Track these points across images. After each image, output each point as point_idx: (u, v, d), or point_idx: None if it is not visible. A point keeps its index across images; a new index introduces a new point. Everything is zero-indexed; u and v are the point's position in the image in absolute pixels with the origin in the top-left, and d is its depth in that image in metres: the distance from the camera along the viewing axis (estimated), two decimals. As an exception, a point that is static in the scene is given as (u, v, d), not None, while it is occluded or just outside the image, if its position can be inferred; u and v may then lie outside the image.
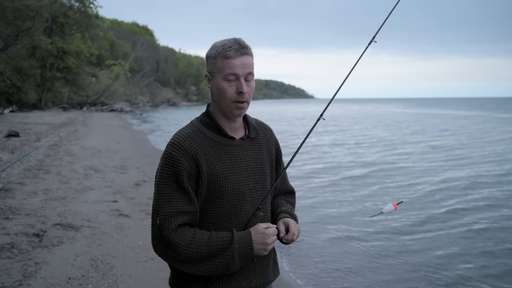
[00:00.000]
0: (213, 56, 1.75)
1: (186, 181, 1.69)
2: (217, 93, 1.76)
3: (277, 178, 1.90)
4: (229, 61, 1.71)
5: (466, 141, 20.05)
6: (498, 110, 66.24)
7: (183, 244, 1.66)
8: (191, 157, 1.70)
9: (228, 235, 1.71)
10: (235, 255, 1.69)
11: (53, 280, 4.04)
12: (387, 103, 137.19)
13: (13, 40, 27.64)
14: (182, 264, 1.70)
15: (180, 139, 1.73)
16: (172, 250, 1.67)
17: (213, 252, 1.68)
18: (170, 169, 1.70)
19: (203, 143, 1.74)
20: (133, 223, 5.97)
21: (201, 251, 1.67)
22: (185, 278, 1.78)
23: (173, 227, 1.67)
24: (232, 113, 1.76)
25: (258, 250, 1.72)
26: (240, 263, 1.71)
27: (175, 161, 1.70)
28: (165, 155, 1.74)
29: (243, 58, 1.72)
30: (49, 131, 18.25)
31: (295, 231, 1.81)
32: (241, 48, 1.72)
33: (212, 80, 1.77)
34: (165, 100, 75.21)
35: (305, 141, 1.93)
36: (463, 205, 8.40)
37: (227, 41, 1.74)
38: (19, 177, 8.44)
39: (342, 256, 5.79)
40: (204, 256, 1.68)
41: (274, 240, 1.76)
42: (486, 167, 12.63)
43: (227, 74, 1.71)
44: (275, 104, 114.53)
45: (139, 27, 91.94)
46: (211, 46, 1.78)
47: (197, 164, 1.71)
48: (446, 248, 6.11)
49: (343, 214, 7.85)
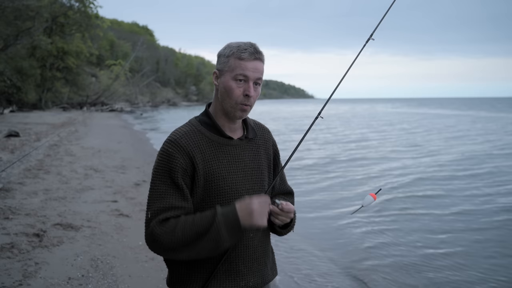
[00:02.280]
0: (227, 55, 1.75)
1: (180, 177, 1.69)
2: (223, 92, 1.75)
3: (275, 178, 1.90)
4: (242, 62, 1.71)
5: (419, 135, 23.32)
6: (490, 110, 67.30)
7: (168, 231, 1.63)
8: (187, 154, 1.70)
9: (211, 211, 1.67)
10: (221, 228, 1.63)
11: (53, 280, 4.04)
12: (385, 103, 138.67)
13: (13, 40, 27.66)
14: (173, 252, 1.66)
15: (177, 137, 1.74)
16: (158, 241, 1.65)
17: (199, 231, 1.63)
18: (165, 166, 1.70)
19: (200, 142, 1.75)
20: (133, 223, 5.97)
21: (187, 234, 1.63)
22: (182, 277, 1.78)
23: (160, 219, 1.65)
24: (235, 114, 1.76)
25: (244, 219, 1.64)
26: (229, 237, 1.65)
27: (170, 158, 1.70)
28: (161, 151, 1.74)
29: (256, 63, 1.73)
30: (49, 131, 18.26)
31: (290, 206, 1.76)
32: (255, 52, 1.73)
33: (220, 77, 1.77)
34: (165, 100, 75.19)
35: (301, 140, 1.92)
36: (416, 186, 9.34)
37: (243, 44, 1.75)
38: (19, 177, 8.44)
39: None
40: (192, 238, 1.63)
41: (261, 206, 1.67)
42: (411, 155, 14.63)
43: (237, 74, 1.72)
44: (273, 104, 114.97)
45: (139, 27, 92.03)
46: (226, 45, 1.79)
47: (193, 162, 1.71)
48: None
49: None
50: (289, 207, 1.75)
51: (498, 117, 44.11)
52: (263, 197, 1.69)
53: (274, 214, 1.76)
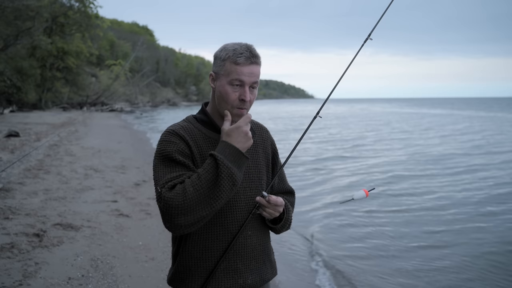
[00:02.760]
0: (222, 58, 1.74)
1: (181, 157, 1.70)
2: (219, 96, 1.76)
3: (273, 178, 1.90)
4: (237, 67, 1.71)
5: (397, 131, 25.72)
6: (482, 110, 68.15)
7: (179, 192, 1.60)
8: (185, 142, 1.73)
9: (208, 159, 1.64)
10: (227, 164, 1.61)
11: (53, 280, 4.04)
12: (384, 103, 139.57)
13: (13, 40, 27.65)
14: (192, 212, 1.60)
15: (175, 128, 1.77)
16: (173, 206, 1.59)
17: (210, 179, 1.61)
18: (165, 150, 1.72)
19: (197, 137, 1.77)
20: (133, 223, 5.97)
21: (198, 187, 1.60)
22: (182, 276, 1.79)
23: (169, 186, 1.64)
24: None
25: (240, 144, 1.66)
26: (239, 167, 1.65)
27: (170, 143, 1.72)
28: (160, 141, 1.76)
29: (252, 67, 1.73)
30: (49, 131, 18.26)
31: (279, 199, 1.76)
32: (251, 56, 1.72)
33: (216, 81, 1.78)
34: (165, 100, 75.16)
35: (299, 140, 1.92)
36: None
37: (238, 46, 1.73)
38: (19, 177, 8.44)
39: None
40: (205, 188, 1.60)
41: (246, 124, 1.67)
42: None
43: (233, 79, 1.72)
44: (273, 104, 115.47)
45: (139, 27, 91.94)
46: (222, 47, 1.78)
47: (191, 150, 1.73)
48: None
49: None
50: (276, 200, 1.75)
51: (489, 116, 45.33)
52: (243, 118, 1.69)
53: (262, 206, 1.75)
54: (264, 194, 1.75)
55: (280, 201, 1.77)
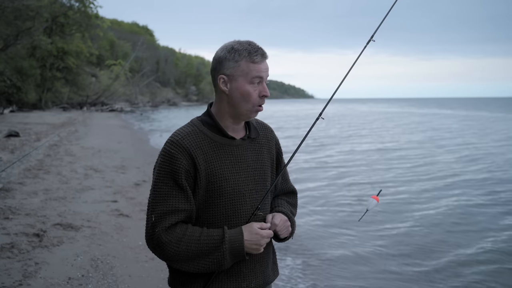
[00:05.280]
0: (236, 60, 1.73)
1: (183, 178, 1.69)
2: (239, 97, 1.74)
3: (277, 178, 1.90)
4: (256, 65, 1.73)
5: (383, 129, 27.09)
6: (477, 109, 68.47)
7: (173, 241, 1.67)
8: (189, 155, 1.70)
9: (219, 234, 1.70)
10: (226, 255, 1.69)
11: (53, 280, 4.04)
12: (383, 103, 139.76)
13: (13, 40, 27.62)
14: (174, 262, 1.71)
15: (179, 137, 1.73)
16: (162, 248, 1.68)
17: (204, 251, 1.68)
18: (168, 167, 1.70)
19: (202, 142, 1.74)
20: (133, 223, 5.97)
21: (191, 249, 1.67)
22: (184, 279, 1.78)
23: (166, 225, 1.68)
24: (249, 116, 1.79)
25: (250, 250, 1.73)
26: (232, 261, 1.72)
27: (173, 159, 1.70)
28: (163, 152, 1.73)
29: (266, 63, 1.78)
30: (49, 131, 18.26)
31: (277, 222, 1.79)
32: (264, 52, 1.76)
33: (231, 83, 1.75)
34: (165, 100, 75.13)
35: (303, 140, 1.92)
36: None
37: (247, 45, 1.74)
38: (19, 177, 8.44)
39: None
40: (195, 254, 1.68)
41: (267, 241, 1.76)
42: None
43: (254, 77, 1.73)
44: (273, 104, 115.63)
45: (139, 27, 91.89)
46: (225, 48, 1.76)
47: (195, 163, 1.70)
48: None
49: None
50: (275, 228, 1.79)
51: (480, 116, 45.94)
52: (267, 231, 1.75)
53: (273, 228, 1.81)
54: (260, 214, 1.79)
55: (280, 223, 1.80)
